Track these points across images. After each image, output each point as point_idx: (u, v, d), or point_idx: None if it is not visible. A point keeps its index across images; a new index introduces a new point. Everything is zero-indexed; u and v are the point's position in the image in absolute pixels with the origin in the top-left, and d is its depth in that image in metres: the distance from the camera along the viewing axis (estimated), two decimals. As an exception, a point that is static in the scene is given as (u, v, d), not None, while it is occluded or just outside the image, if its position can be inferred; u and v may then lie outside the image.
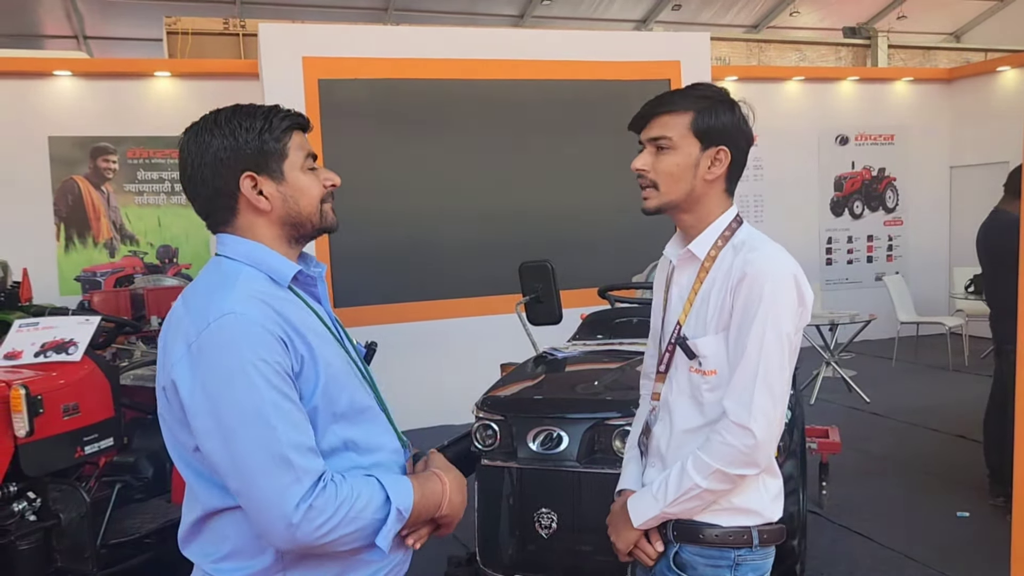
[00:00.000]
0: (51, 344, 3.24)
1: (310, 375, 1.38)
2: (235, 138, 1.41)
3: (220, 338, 1.31)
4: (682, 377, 1.67)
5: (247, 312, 1.33)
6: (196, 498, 1.43)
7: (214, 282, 1.42)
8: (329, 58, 6.33)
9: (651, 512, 1.66)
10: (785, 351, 1.58)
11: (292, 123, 1.47)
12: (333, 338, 1.47)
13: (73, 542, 3.06)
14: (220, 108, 1.47)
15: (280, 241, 1.47)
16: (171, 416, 1.39)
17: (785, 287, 1.57)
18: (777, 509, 1.68)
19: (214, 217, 1.48)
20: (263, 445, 1.29)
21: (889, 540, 3.98)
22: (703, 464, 1.58)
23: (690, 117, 1.62)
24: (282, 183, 1.44)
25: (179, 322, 1.39)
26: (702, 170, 1.63)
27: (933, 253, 9.73)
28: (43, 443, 2.93)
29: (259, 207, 1.44)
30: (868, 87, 9.73)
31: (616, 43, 7.30)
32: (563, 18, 14.22)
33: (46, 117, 7.30)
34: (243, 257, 1.44)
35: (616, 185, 6.97)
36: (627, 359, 3.28)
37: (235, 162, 1.41)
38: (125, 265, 7.46)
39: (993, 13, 15.08)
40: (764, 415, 1.55)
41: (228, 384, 1.29)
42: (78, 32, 13.24)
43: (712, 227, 1.66)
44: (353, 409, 1.45)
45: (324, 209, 1.50)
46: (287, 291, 1.44)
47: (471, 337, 6.44)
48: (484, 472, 2.85)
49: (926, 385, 7.39)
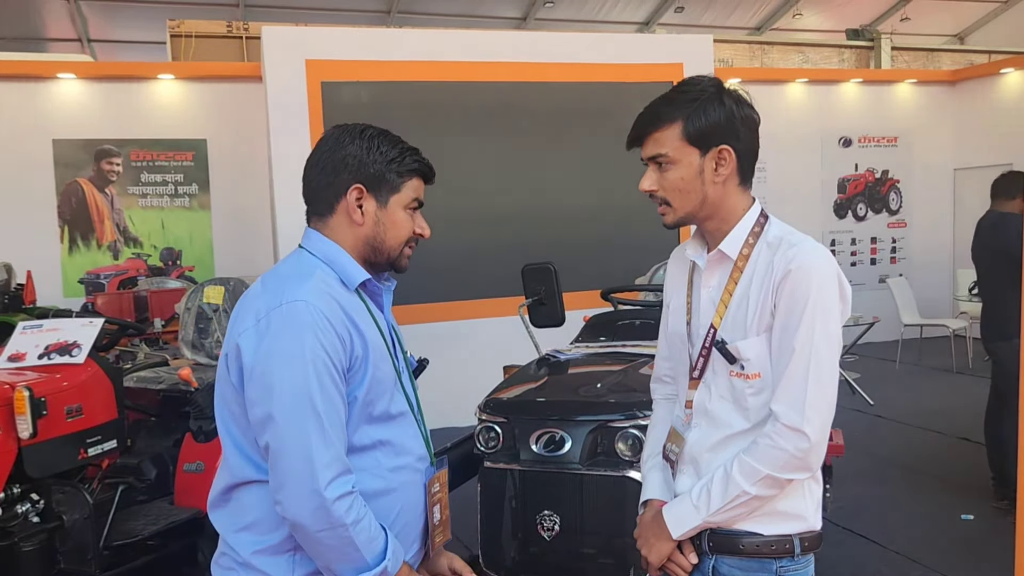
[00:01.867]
0: (55, 346, 3.25)
1: (359, 373, 1.49)
2: (368, 154, 1.55)
3: (288, 319, 1.42)
4: (722, 383, 1.59)
5: (317, 303, 1.44)
6: (228, 467, 1.53)
7: (292, 271, 1.53)
8: (332, 61, 6.33)
9: (692, 522, 1.57)
10: (835, 349, 1.52)
11: (419, 168, 1.61)
12: (386, 346, 1.58)
13: (76, 544, 3.07)
14: (373, 126, 1.63)
15: (356, 256, 1.58)
16: (227, 381, 1.49)
17: (830, 284, 1.51)
18: (819, 515, 1.61)
19: (314, 206, 1.60)
20: (305, 426, 1.39)
21: (893, 543, 3.97)
22: (751, 469, 1.50)
23: (680, 126, 1.54)
24: (382, 209, 1.57)
25: (255, 298, 1.51)
26: (708, 175, 1.56)
27: (936, 255, 9.71)
28: (46, 445, 2.94)
29: (353, 218, 1.56)
30: (871, 89, 9.72)
31: (619, 45, 7.30)
32: (566, 20, 14.23)
33: (50, 120, 7.32)
34: (322, 255, 1.55)
35: (618, 188, 6.98)
36: (630, 361, 3.28)
37: (356, 171, 1.55)
38: (128, 267, 7.48)
39: (997, 15, 15.05)
40: (818, 416, 1.49)
41: (287, 363, 1.40)
42: (82, 35, 13.28)
43: (740, 225, 1.59)
44: (388, 414, 1.55)
45: (404, 251, 1.62)
46: (354, 294, 1.55)
47: (474, 339, 6.44)
48: (487, 474, 2.85)
49: (930, 387, 7.37)
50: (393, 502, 1.54)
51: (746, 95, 1.59)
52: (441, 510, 1.68)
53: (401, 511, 1.56)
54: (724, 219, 1.60)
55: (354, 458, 1.48)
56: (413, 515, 1.60)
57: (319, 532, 1.40)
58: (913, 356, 8.33)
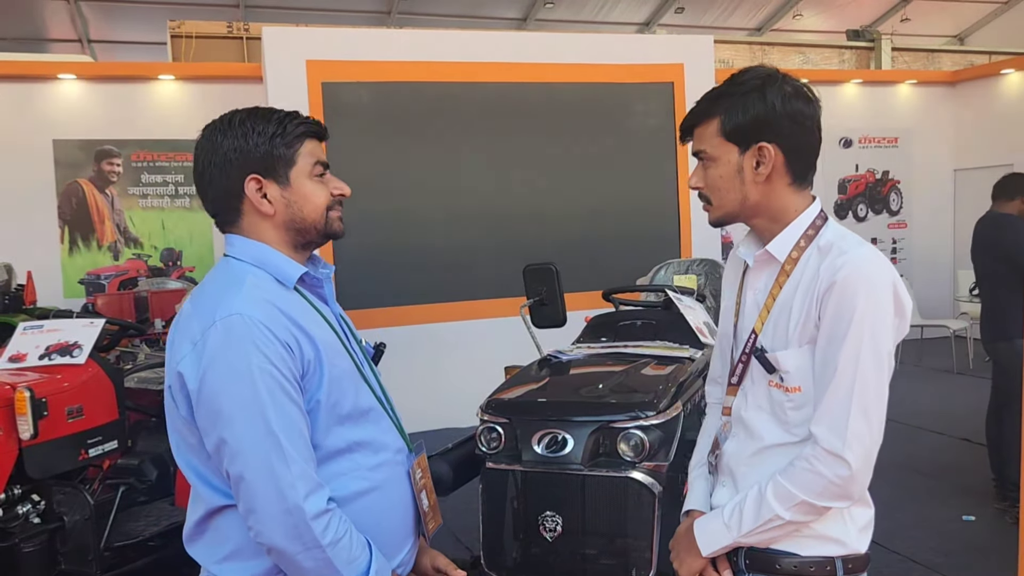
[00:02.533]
0: (55, 347, 3.25)
1: (315, 377, 1.40)
2: (245, 140, 1.43)
3: (226, 337, 1.33)
4: (760, 392, 1.51)
5: (253, 313, 1.35)
6: (198, 498, 1.45)
7: (221, 282, 1.43)
8: (333, 61, 6.33)
9: (723, 541, 1.50)
10: (884, 370, 1.40)
11: (306, 130, 1.48)
12: (339, 340, 1.48)
13: (77, 545, 3.06)
14: (239, 109, 1.48)
15: (284, 245, 1.48)
16: (176, 414, 1.41)
17: (882, 297, 1.39)
18: (865, 540, 1.51)
19: (222, 216, 1.50)
20: (263, 447, 1.31)
21: (894, 544, 3.96)
22: (787, 494, 1.41)
23: (718, 122, 1.47)
24: (287, 188, 1.46)
25: (187, 321, 1.40)
26: (749, 174, 1.46)
27: (937, 256, 9.71)
28: (47, 446, 2.93)
29: (262, 210, 1.45)
30: (872, 90, 9.72)
31: (620, 46, 7.29)
32: (566, 21, 14.22)
33: (50, 120, 7.31)
34: (250, 258, 1.45)
35: (620, 188, 6.98)
36: (632, 362, 3.27)
37: (243, 164, 1.43)
38: (129, 268, 7.47)
39: (997, 16, 15.05)
40: (860, 443, 1.38)
41: (233, 383, 1.31)
42: (82, 36, 13.28)
43: (792, 226, 1.49)
44: (357, 411, 1.47)
45: (330, 216, 1.51)
46: (293, 292, 1.46)
47: (475, 340, 6.44)
48: (488, 475, 2.84)
49: (930, 388, 7.37)
50: (380, 500, 1.49)
51: (806, 90, 1.48)
52: (428, 495, 1.62)
53: (390, 507, 1.52)
54: (774, 218, 1.50)
55: (332, 463, 1.43)
56: (402, 508, 1.56)
57: (296, 554, 1.33)
58: (913, 357, 8.32)
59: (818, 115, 1.48)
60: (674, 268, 4.55)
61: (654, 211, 7.00)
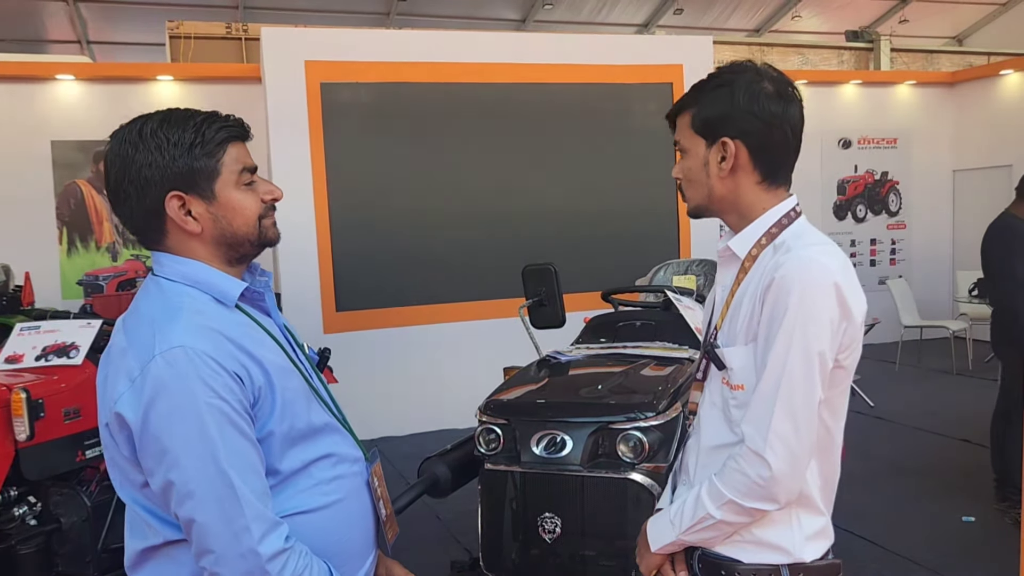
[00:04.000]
0: (52, 348, 3.24)
1: (267, 404, 1.32)
2: (161, 154, 1.30)
3: (168, 372, 1.22)
4: (715, 388, 1.52)
5: (196, 344, 1.24)
6: (146, 529, 1.34)
7: (157, 309, 1.30)
8: (331, 62, 6.32)
9: (667, 538, 1.52)
10: (814, 371, 1.37)
11: (228, 135, 1.35)
12: (287, 357, 1.40)
13: (74, 546, 3.05)
14: (149, 115, 1.34)
15: (217, 261, 1.36)
16: (118, 453, 1.30)
17: (819, 296, 1.37)
18: (813, 549, 1.49)
19: (144, 236, 1.37)
20: (215, 488, 1.22)
21: (894, 545, 3.95)
22: (716, 492, 1.42)
23: (690, 115, 1.49)
24: (213, 203, 1.33)
25: (120, 355, 1.28)
26: (713, 168, 1.47)
27: (936, 257, 9.71)
28: (44, 447, 2.92)
29: (188, 229, 1.32)
30: (871, 91, 9.72)
31: (619, 47, 7.29)
32: (564, 22, 14.22)
33: (49, 121, 7.30)
34: (183, 278, 1.34)
35: (619, 189, 6.98)
36: (631, 363, 3.26)
37: (161, 181, 1.30)
38: (127, 269, 7.46)
39: (995, 17, 15.06)
40: (783, 444, 1.36)
41: (178, 422, 1.21)
42: (81, 37, 13.26)
43: (756, 223, 1.48)
44: (311, 429, 1.40)
45: (264, 225, 1.38)
46: (235, 311, 1.36)
47: (474, 341, 6.43)
48: (487, 476, 2.83)
49: (930, 389, 7.36)
50: (341, 513, 1.43)
51: (790, 89, 1.47)
52: (385, 504, 1.56)
53: (348, 521, 1.46)
54: (741, 215, 1.50)
55: (290, 483, 1.35)
56: (362, 521, 1.50)
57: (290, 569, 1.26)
58: (913, 358, 8.32)
59: (793, 115, 1.46)
60: (673, 269, 4.54)
61: (653, 212, 7.00)
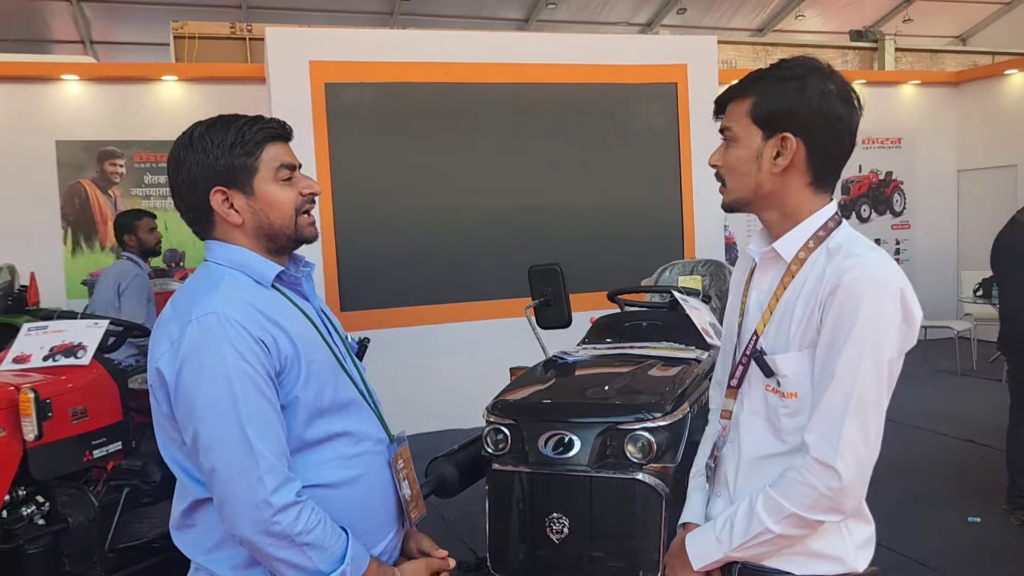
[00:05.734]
0: (60, 348, 3.24)
1: (293, 372, 1.44)
2: (206, 154, 1.47)
3: (201, 335, 1.37)
4: (756, 395, 1.47)
5: (228, 311, 1.39)
6: (185, 488, 1.49)
7: (200, 285, 1.48)
8: (335, 62, 6.32)
9: (714, 555, 1.46)
10: (883, 380, 1.35)
11: (267, 135, 1.50)
12: (318, 333, 1.52)
13: (81, 546, 3.05)
14: (201, 121, 1.51)
15: (259, 251, 1.52)
16: (159, 411, 1.45)
17: (888, 302, 1.33)
18: (864, 558, 1.45)
19: (197, 226, 1.56)
20: (232, 440, 1.35)
21: (900, 546, 3.94)
22: (776, 506, 1.36)
23: (750, 103, 1.42)
24: (252, 197, 1.49)
25: (167, 322, 1.45)
26: (766, 162, 1.41)
27: (941, 257, 9.70)
28: (52, 447, 2.92)
29: (231, 221, 1.50)
30: (875, 90, 9.69)
31: (623, 46, 7.28)
32: (568, 22, 14.21)
33: (53, 121, 7.31)
34: (227, 261, 1.50)
35: (624, 189, 6.97)
36: (638, 363, 3.26)
37: (206, 178, 1.48)
38: (132, 269, 7.45)
39: (999, 16, 15.03)
40: (853, 454, 1.32)
41: (206, 379, 1.36)
42: (85, 37, 13.27)
43: (803, 225, 1.44)
44: (336, 404, 1.51)
45: (300, 220, 1.53)
46: (272, 291, 1.50)
47: (480, 340, 6.42)
48: (495, 476, 2.83)
49: (934, 389, 7.35)
50: (359, 490, 1.52)
51: (853, 94, 1.43)
52: (411, 485, 1.64)
53: (370, 497, 1.54)
54: (786, 214, 1.45)
55: (313, 452, 1.47)
56: (383, 498, 1.58)
57: (267, 547, 1.37)
58: (917, 358, 8.30)
59: (855, 122, 1.43)
60: (679, 269, 4.54)
61: (658, 212, 6.99)
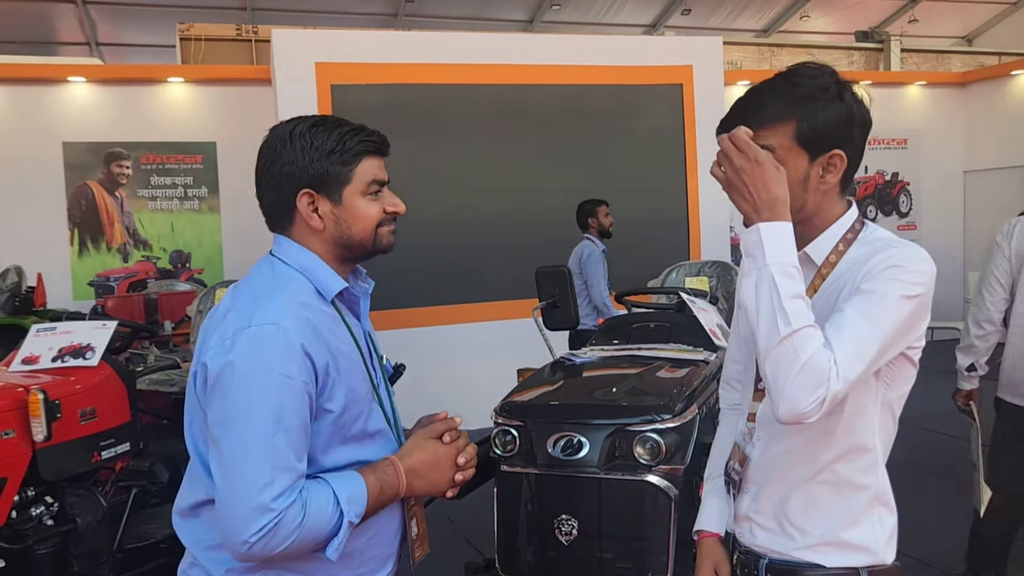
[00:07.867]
0: (68, 349, 3.24)
1: (332, 395, 1.41)
2: (303, 155, 1.43)
3: (255, 343, 1.34)
4: None
5: (287, 325, 1.35)
6: (200, 482, 1.46)
7: (264, 285, 1.44)
8: (341, 63, 6.34)
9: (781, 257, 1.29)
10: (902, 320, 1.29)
11: (366, 148, 1.47)
12: (361, 359, 1.50)
13: (90, 547, 3.06)
14: (304, 117, 1.48)
15: (330, 257, 1.49)
16: (194, 401, 1.44)
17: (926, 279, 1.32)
18: (891, 550, 1.46)
19: (273, 220, 1.51)
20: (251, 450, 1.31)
21: (905, 546, 3.87)
22: (796, 344, 1.23)
23: (793, 127, 1.35)
24: (338, 206, 1.46)
25: (223, 315, 1.41)
26: (814, 183, 1.37)
27: (947, 258, 9.66)
28: (61, 448, 2.93)
29: (312, 224, 1.46)
30: (881, 91, 9.67)
31: (628, 47, 7.29)
32: (572, 23, 14.22)
33: (60, 123, 7.34)
34: (296, 263, 1.46)
35: (630, 190, 6.97)
36: (646, 365, 3.25)
37: (297, 178, 1.44)
38: (138, 270, 7.49)
39: (1005, 16, 15.01)
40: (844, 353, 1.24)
41: (248, 386, 1.32)
42: (91, 39, 13.32)
43: (831, 229, 1.42)
44: (364, 434, 1.48)
45: (379, 233, 1.50)
46: (330, 305, 1.47)
47: (487, 342, 6.42)
48: (503, 478, 2.83)
49: (939, 390, 7.27)
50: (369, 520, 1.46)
51: (864, 94, 1.42)
52: (418, 523, 1.61)
53: (378, 529, 1.50)
54: (815, 225, 1.43)
55: None
56: (389, 532, 1.54)
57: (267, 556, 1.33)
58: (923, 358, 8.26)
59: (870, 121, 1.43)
60: (686, 270, 4.53)
61: (663, 213, 6.99)
